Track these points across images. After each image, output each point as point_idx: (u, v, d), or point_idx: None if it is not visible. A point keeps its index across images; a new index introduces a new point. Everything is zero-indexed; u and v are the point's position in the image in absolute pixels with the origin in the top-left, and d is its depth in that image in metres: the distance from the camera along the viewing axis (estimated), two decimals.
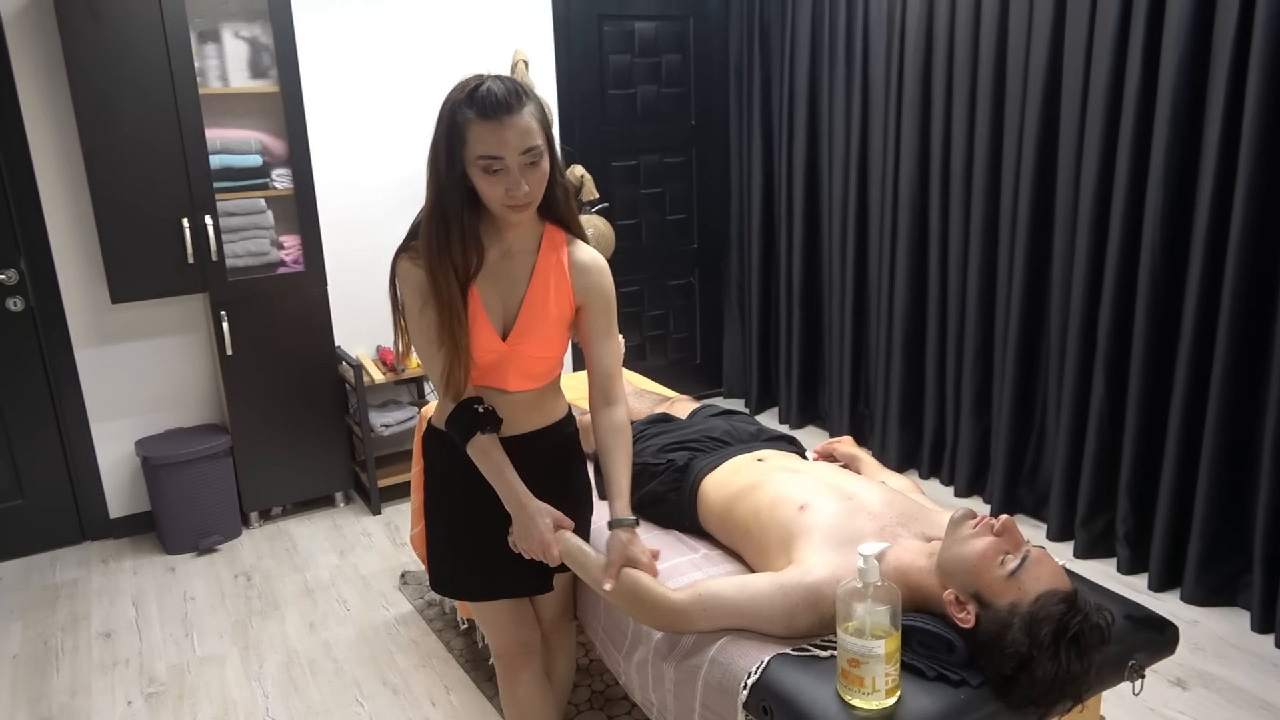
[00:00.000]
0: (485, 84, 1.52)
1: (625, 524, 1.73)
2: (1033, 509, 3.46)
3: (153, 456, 3.38)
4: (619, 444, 1.78)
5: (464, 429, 1.69)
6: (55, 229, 3.32)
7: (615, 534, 1.72)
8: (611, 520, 1.74)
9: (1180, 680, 2.53)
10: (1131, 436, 2.95)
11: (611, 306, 1.78)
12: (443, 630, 2.88)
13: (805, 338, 4.41)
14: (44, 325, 3.37)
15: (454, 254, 1.60)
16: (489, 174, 1.53)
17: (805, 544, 1.69)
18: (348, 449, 3.77)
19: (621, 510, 1.74)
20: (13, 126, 3.20)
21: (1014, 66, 3.21)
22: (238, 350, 3.43)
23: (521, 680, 1.93)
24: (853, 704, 1.45)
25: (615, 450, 1.78)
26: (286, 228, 3.54)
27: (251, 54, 3.36)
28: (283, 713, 2.55)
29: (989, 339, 3.49)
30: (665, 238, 4.70)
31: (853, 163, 3.91)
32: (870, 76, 3.80)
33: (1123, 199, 2.87)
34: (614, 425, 1.79)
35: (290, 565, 3.37)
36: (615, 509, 1.75)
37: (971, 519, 1.56)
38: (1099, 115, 2.91)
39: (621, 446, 1.78)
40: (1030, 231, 3.21)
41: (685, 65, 4.54)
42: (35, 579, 3.35)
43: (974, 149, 3.39)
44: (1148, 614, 1.70)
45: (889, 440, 3.93)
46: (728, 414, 2.39)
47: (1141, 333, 2.88)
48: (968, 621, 1.50)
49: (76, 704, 2.63)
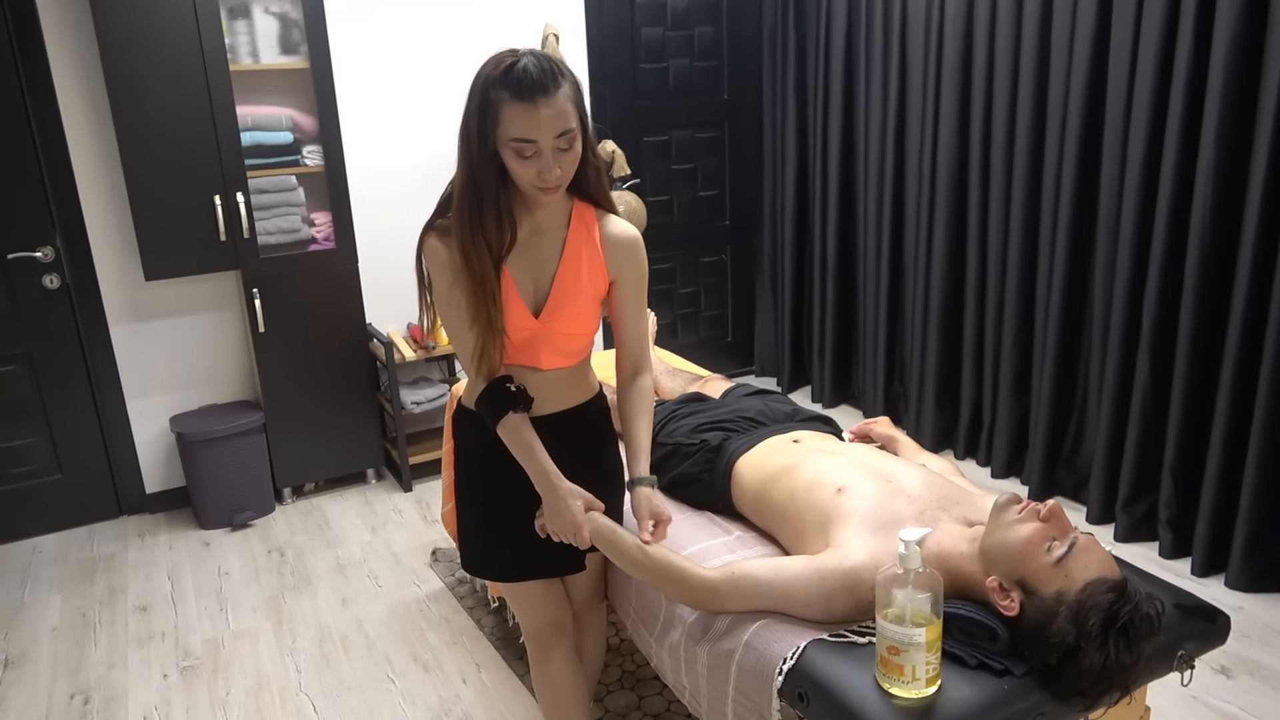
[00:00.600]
0: (521, 62, 1.47)
1: (646, 481, 1.77)
2: (1072, 491, 3.39)
3: (187, 433, 3.40)
4: (642, 405, 1.80)
5: (495, 408, 1.66)
6: (89, 207, 3.34)
7: (639, 490, 1.76)
8: (632, 479, 1.78)
9: (1225, 668, 2.47)
10: (1176, 417, 2.87)
11: (644, 281, 1.75)
12: (474, 608, 2.88)
13: (839, 315, 4.34)
14: (80, 302, 3.40)
15: (488, 231, 1.57)
16: (521, 157, 1.50)
17: (843, 527, 1.66)
18: (379, 426, 3.78)
19: (642, 469, 1.78)
20: (47, 105, 3.21)
21: (1059, 34, 3.10)
22: (270, 327, 3.44)
23: (553, 660, 1.92)
24: (892, 692, 1.42)
25: (638, 411, 1.80)
26: (317, 205, 3.53)
27: (282, 30, 3.34)
28: (315, 687, 2.56)
29: (1029, 316, 3.41)
30: (697, 214, 4.64)
31: (889, 136, 3.83)
32: (908, 47, 3.71)
33: (1172, 171, 2.77)
34: (639, 388, 1.81)
35: (322, 541, 3.39)
36: (636, 468, 1.78)
37: (1017, 504, 1.51)
38: (1148, 85, 2.80)
39: (644, 408, 1.80)
40: (1074, 205, 3.12)
41: (718, 38, 4.46)
42: (74, 553, 3.39)
43: (1016, 120, 3.29)
44: (1198, 603, 1.65)
45: (924, 420, 3.87)
46: (762, 394, 2.35)
47: (1189, 310, 2.79)
48: (1012, 610, 1.46)
49: (113, 676, 2.66)
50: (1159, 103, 2.81)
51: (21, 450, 3.43)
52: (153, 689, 2.60)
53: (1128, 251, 2.95)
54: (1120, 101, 2.93)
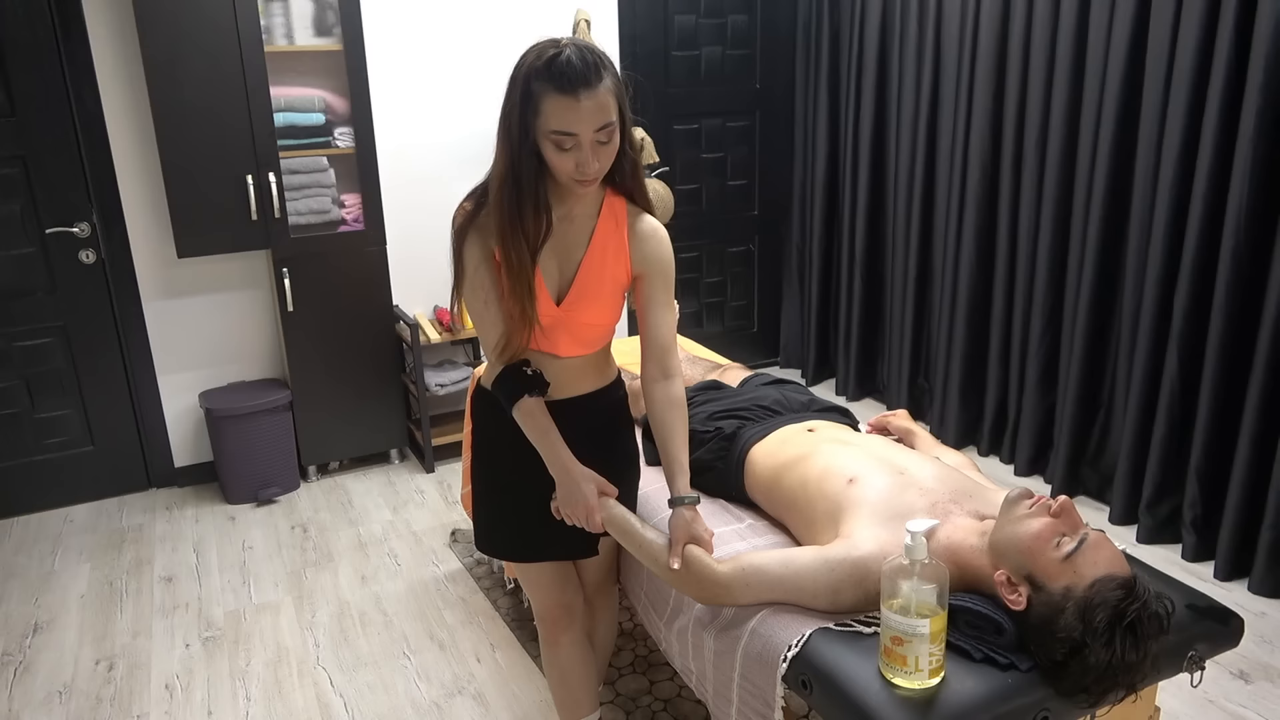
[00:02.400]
0: (564, 53, 1.45)
1: (687, 501, 1.69)
2: (1096, 491, 3.35)
3: (216, 409, 3.46)
4: (676, 418, 1.72)
5: (511, 391, 1.67)
6: (125, 185, 3.40)
7: (678, 512, 1.68)
8: (672, 498, 1.70)
9: (1243, 673, 2.43)
10: (1204, 419, 2.83)
11: (670, 276, 1.73)
12: (490, 589, 2.91)
13: (865, 308, 4.32)
14: (114, 278, 3.46)
15: (526, 223, 1.56)
16: (561, 149, 1.49)
17: (853, 518, 1.66)
18: (403, 407, 3.82)
19: (683, 488, 1.70)
20: (87, 85, 3.26)
21: (1096, 29, 3.05)
22: (298, 306, 3.48)
23: (563, 642, 1.94)
24: (894, 682, 1.42)
25: (674, 425, 1.72)
26: (347, 186, 3.57)
27: (316, 12, 3.37)
28: (333, 661, 2.61)
29: (1058, 313, 3.37)
30: (726, 203, 4.63)
31: (921, 129, 3.79)
32: (943, 39, 3.67)
33: (1207, 167, 2.72)
34: (671, 399, 1.73)
35: (345, 519, 3.43)
36: (677, 486, 1.70)
37: (1028, 498, 1.50)
38: (1186, 75, 2.75)
39: (679, 421, 1.72)
40: (1106, 200, 3.07)
41: (751, 26, 4.44)
42: (104, 523, 3.47)
43: (1050, 115, 3.25)
44: (1211, 604, 1.63)
45: (948, 415, 3.84)
46: (779, 383, 2.35)
47: (1220, 310, 2.74)
48: (1019, 604, 1.45)
49: (138, 644, 2.72)
50: (1196, 97, 2.75)
51: (55, 421, 3.51)
52: (175, 658, 2.65)
53: (1159, 249, 2.91)
54: (1157, 96, 2.88)
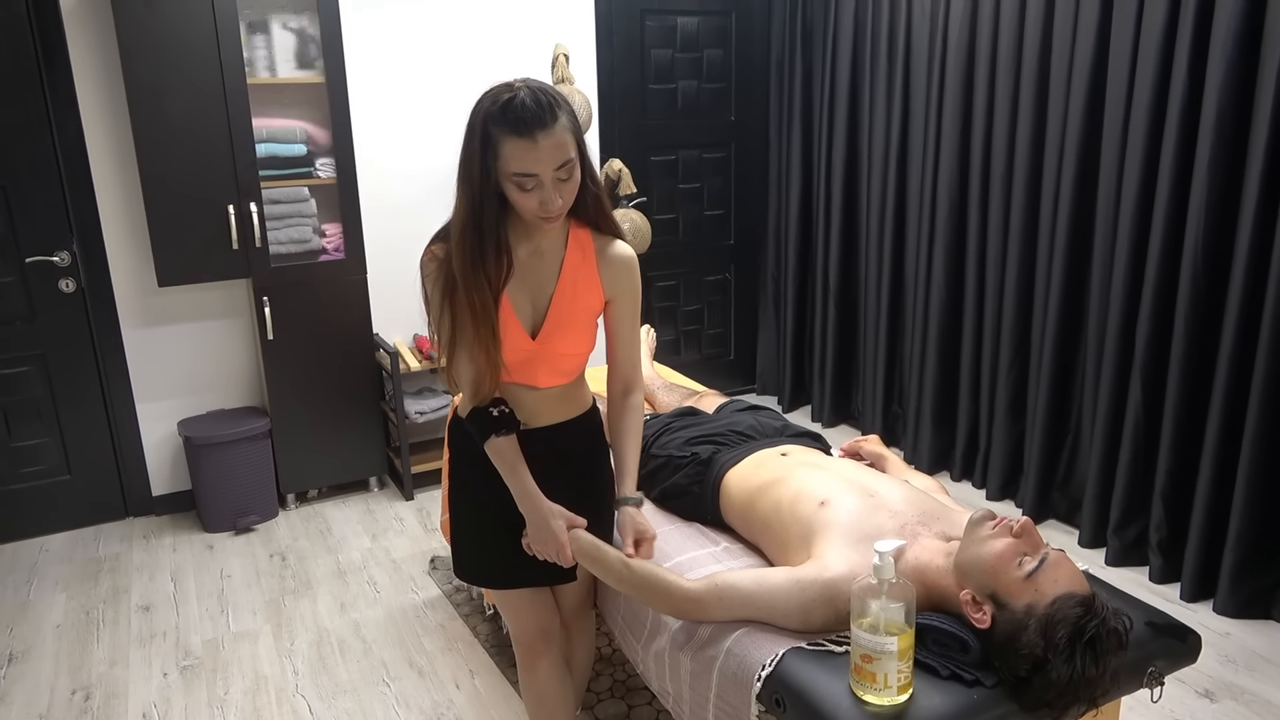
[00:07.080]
0: (518, 96, 1.49)
1: (631, 501, 1.84)
2: (1065, 515, 3.42)
3: (194, 437, 3.47)
4: (632, 424, 1.86)
5: (481, 430, 1.71)
6: (106, 214, 3.42)
7: (624, 510, 1.84)
8: (618, 499, 1.85)
9: (1209, 691, 2.49)
10: (1167, 444, 2.91)
11: (638, 300, 1.80)
12: (469, 615, 2.93)
13: (840, 336, 4.39)
14: (94, 306, 3.47)
15: (487, 266, 1.60)
16: (523, 189, 1.53)
17: (824, 540, 1.70)
18: (383, 435, 3.84)
19: (629, 489, 1.85)
20: (69, 114, 3.29)
21: (1058, 66, 3.17)
22: (279, 335, 3.50)
23: (540, 667, 1.95)
24: (865, 699, 1.46)
25: (628, 429, 1.86)
26: (329, 216, 3.61)
27: (299, 45, 3.42)
28: (312, 689, 2.61)
29: (1025, 342, 3.45)
30: (702, 233, 4.70)
31: (892, 162, 3.89)
32: (912, 75, 3.77)
33: (1165, 201, 2.83)
34: (629, 405, 1.87)
35: (323, 547, 3.44)
36: (624, 487, 1.85)
37: (991, 520, 1.56)
38: (1143, 116, 2.86)
39: (634, 428, 1.86)
40: (1070, 234, 3.17)
41: (726, 61, 4.54)
42: (80, 552, 3.45)
43: (1015, 150, 3.35)
44: (1169, 621, 1.68)
45: (921, 442, 3.91)
46: (754, 409, 2.40)
47: (1180, 339, 2.83)
48: (984, 622, 1.50)
49: (115, 674, 2.71)
50: (1153, 138, 2.86)
51: (33, 450, 3.50)
52: (153, 687, 2.65)
53: (1122, 279, 3.00)
54: (1116, 136, 2.99)
